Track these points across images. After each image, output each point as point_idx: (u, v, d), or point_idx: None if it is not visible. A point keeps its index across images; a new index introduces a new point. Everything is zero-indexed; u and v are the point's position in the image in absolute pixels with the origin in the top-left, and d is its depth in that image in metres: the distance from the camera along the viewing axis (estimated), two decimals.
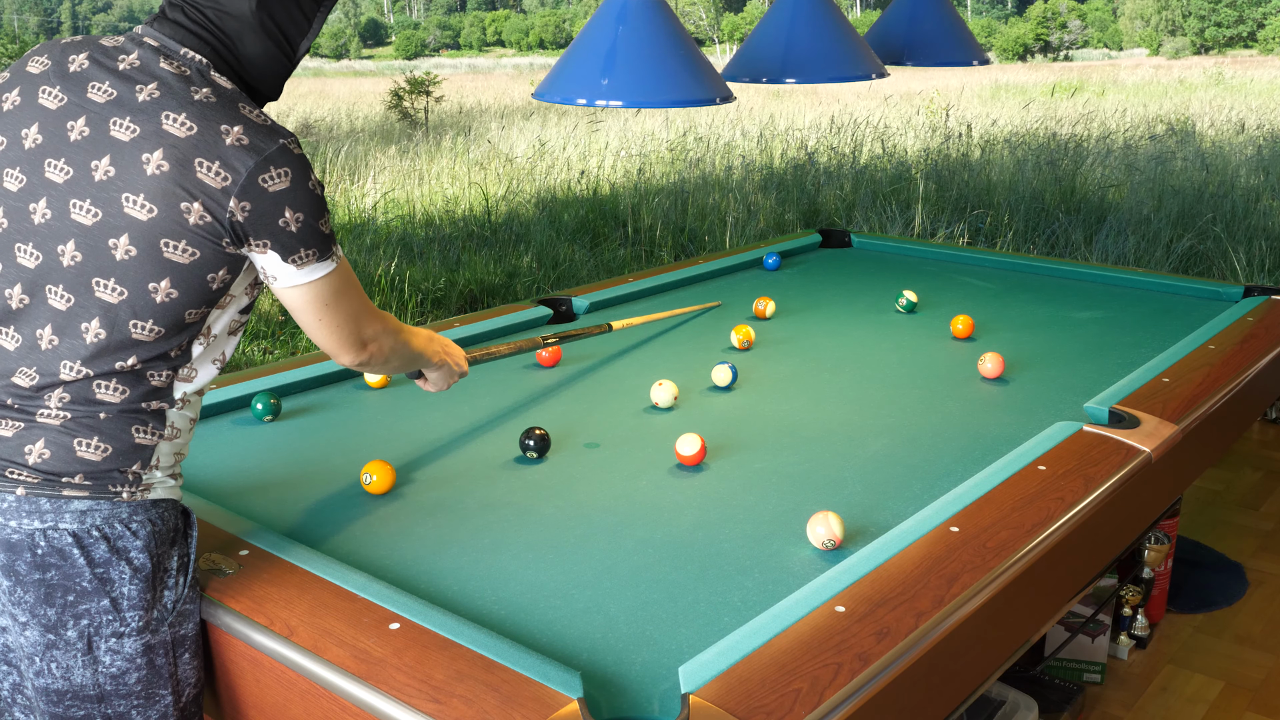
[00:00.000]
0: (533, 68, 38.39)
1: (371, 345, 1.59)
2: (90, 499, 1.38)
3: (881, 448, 2.14)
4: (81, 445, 1.39)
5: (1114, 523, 1.98)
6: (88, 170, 1.37)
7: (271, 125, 1.40)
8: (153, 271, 1.37)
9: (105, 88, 1.39)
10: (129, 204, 1.35)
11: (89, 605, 1.39)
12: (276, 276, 1.44)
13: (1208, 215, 7.20)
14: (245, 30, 1.44)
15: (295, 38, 1.51)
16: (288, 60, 1.51)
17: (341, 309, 1.51)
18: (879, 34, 3.67)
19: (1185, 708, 2.67)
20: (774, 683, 1.30)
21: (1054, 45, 46.47)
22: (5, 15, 28.55)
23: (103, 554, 1.38)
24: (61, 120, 1.39)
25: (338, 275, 1.48)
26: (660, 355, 2.76)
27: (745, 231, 7.64)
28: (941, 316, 3.07)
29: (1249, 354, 2.61)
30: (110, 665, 1.41)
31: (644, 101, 2.60)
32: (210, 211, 1.35)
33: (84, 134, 1.38)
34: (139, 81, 1.39)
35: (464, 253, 7.15)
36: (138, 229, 1.35)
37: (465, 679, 1.31)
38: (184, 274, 1.38)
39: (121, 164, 1.36)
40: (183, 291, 1.39)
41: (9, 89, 1.45)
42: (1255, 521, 3.65)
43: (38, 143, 1.40)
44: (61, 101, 1.40)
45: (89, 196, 1.37)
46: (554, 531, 1.79)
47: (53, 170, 1.39)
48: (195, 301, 1.40)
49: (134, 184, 1.35)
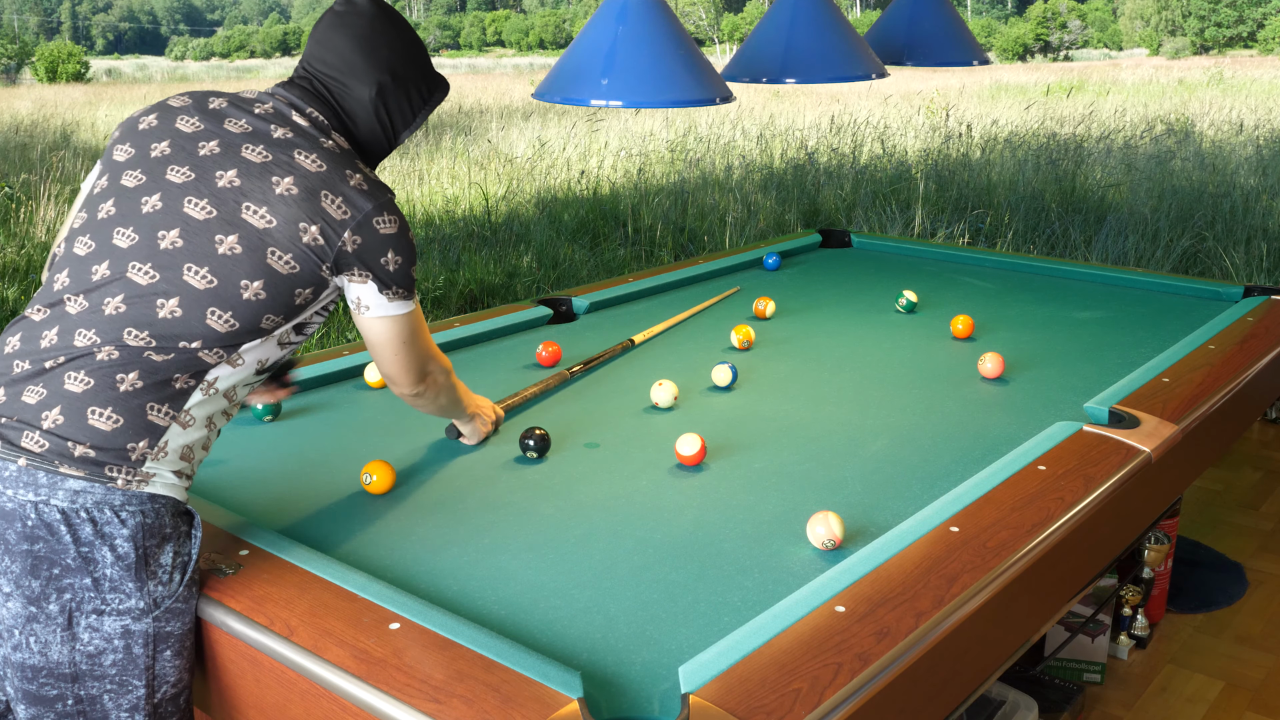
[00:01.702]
0: (533, 68, 38.40)
1: (429, 380, 1.81)
2: (86, 480, 1.42)
3: (881, 448, 2.14)
4: (94, 414, 1.43)
5: (1114, 523, 1.98)
6: (211, 176, 1.54)
7: (382, 181, 1.63)
8: (250, 271, 1.51)
9: (242, 123, 1.59)
10: (248, 211, 1.52)
11: (72, 580, 1.42)
12: (370, 306, 1.64)
13: (1207, 215, 7.21)
14: (361, 111, 1.68)
15: (400, 128, 1.73)
16: (389, 144, 1.73)
17: (416, 346, 1.73)
18: (879, 34, 3.67)
19: (1185, 708, 2.67)
20: (774, 683, 1.30)
21: (1054, 45, 46.48)
22: (5, 15, 28.55)
23: (88, 535, 1.42)
24: (194, 140, 1.58)
25: (416, 316, 1.71)
26: (660, 355, 2.76)
27: (745, 231, 7.64)
28: (941, 316, 3.07)
29: (1249, 354, 2.61)
30: (88, 644, 1.44)
31: (644, 101, 2.60)
32: (324, 236, 1.54)
33: (214, 151, 1.56)
34: (274, 123, 1.59)
35: (464, 252, 7.15)
36: (251, 232, 1.52)
37: (465, 679, 1.31)
38: (278, 281, 1.53)
39: (249, 179, 1.54)
40: (270, 296, 1.53)
41: (148, 115, 1.64)
42: (1255, 521, 3.65)
43: (165, 153, 1.57)
44: (198, 128, 1.59)
45: (207, 197, 1.53)
46: (554, 531, 1.79)
47: (174, 174, 1.56)
48: (277, 309, 1.55)
49: (258, 197, 1.53)
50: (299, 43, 67.72)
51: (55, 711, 1.46)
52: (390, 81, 1.68)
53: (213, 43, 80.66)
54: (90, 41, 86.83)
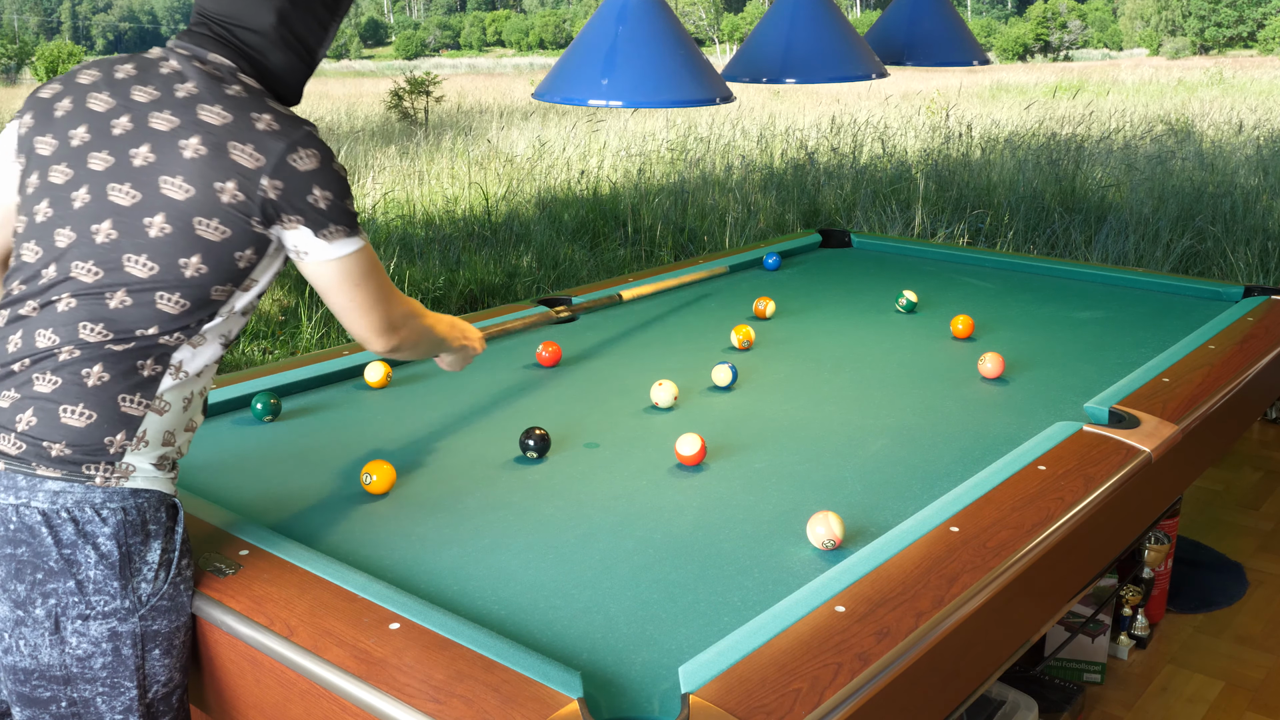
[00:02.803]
0: (533, 68, 38.40)
1: (402, 330, 1.69)
2: (64, 480, 1.41)
3: (881, 448, 2.14)
4: (66, 411, 1.42)
5: (1114, 523, 1.98)
6: (127, 157, 1.49)
7: (295, 115, 1.53)
8: (185, 248, 1.46)
9: (149, 90, 1.52)
10: (166, 185, 1.46)
11: (56, 585, 1.41)
12: (308, 251, 1.53)
13: (1208, 215, 7.20)
14: (268, 44, 1.58)
15: (315, 46, 1.64)
16: (307, 67, 1.65)
17: (370, 288, 1.60)
18: (879, 34, 3.67)
19: (1185, 708, 2.67)
20: (774, 683, 1.30)
21: (1054, 45, 46.48)
22: (5, 15, 28.59)
23: (70, 535, 1.41)
24: (107, 119, 1.52)
25: (365, 255, 1.58)
26: (660, 355, 2.76)
27: (745, 231, 7.64)
28: (941, 316, 3.07)
29: (1249, 354, 2.61)
30: (77, 647, 1.43)
31: (644, 101, 2.60)
32: (243, 190, 1.46)
33: (127, 129, 1.50)
34: (176, 81, 1.52)
35: (464, 252, 7.15)
36: (174, 208, 1.46)
37: (465, 679, 1.31)
38: (215, 251, 1.47)
39: (160, 150, 1.47)
40: (212, 268, 1.48)
41: (61, 99, 1.57)
42: (1255, 521, 3.65)
43: (85, 140, 1.52)
44: (109, 105, 1.53)
45: (128, 180, 1.48)
46: (554, 531, 1.79)
47: (95, 161, 1.50)
48: (223, 278, 1.50)
49: (172, 167, 1.46)
50: None
51: (50, 713, 1.45)
52: (288, 3, 1.58)
53: None
54: (90, 41, 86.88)
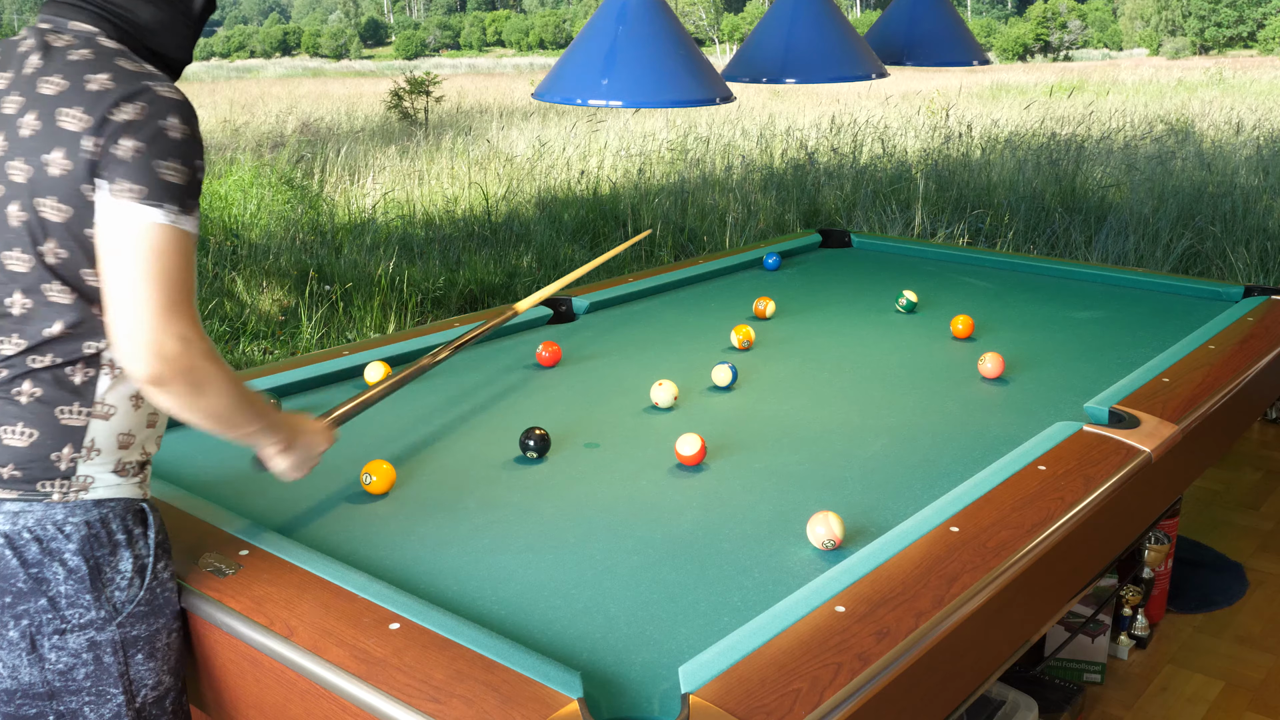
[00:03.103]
0: (533, 68, 38.39)
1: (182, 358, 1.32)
2: (21, 500, 1.38)
3: (881, 448, 2.14)
4: (7, 433, 1.39)
5: (1114, 523, 1.98)
6: None
7: (148, 72, 1.37)
8: (39, 233, 1.36)
9: (6, 75, 1.42)
10: (13, 171, 1.36)
11: (27, 605, 1.39)
12: (101, 207, 1.32)
13: (1208, 215, 7.20)
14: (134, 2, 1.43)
15: None
16: (187, 19, 1.49)
17: (152, 280, 1.31)
18: (879, 34, 3.67)
19: (1185, 708, 2.67)
20: (774, 683, 1.30)
21: (1054, 45, 46.48)
22: (5, 15, 28.60)
23: (34, 555, 1.38)
24: None
25: (168, 236, 1.32)
26: (660, 355, 2.76)
27: (745, 231, 7.64)
28: (941, 316, 3.07)
29: (1249, 354, 2.61)
30: (56, 662, 1.41)
31: (644, 101, 2.60)
32: (70, 157, 1.33)
33: None
34: (26, 58, 1.40)
35: (464, 253, 7.15)
36: (21, 192, 1.36)
37: (465, 679, 1.31)
38: (62, 232, 1.36)
39: (11, 136, 1.37)
40: (71, 251, 1.37)
41: None
42: (1255, 521, 3.65)
43: None
44: None
45: None
46: (554, 531, 1.79)
47: None
48: (88, 261, 1.37)
49: (15, 150, 1.36)
50: (299, 42, 67.69)
51: None
52: None
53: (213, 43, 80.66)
54: None
